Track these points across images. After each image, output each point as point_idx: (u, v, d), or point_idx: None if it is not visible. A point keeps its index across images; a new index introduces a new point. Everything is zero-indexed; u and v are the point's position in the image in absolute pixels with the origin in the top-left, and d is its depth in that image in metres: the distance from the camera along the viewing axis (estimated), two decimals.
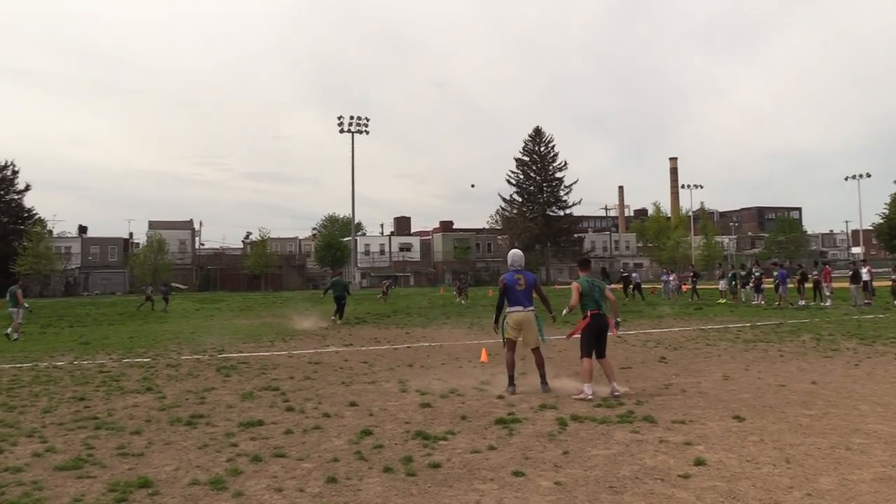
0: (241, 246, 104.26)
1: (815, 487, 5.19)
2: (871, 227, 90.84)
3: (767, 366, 11.37)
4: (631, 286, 35.39)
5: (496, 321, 9.62)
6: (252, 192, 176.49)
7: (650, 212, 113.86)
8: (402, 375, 11.03)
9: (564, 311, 9.52)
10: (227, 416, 8.12)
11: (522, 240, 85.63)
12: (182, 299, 50.14)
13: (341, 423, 7.67)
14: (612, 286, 32.72)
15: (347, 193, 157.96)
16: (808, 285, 29.05)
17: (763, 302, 28.12)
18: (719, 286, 32.68)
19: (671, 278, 36.31)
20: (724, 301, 30.34)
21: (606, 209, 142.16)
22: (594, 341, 9.02)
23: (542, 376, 9.35)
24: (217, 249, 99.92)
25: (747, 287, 30.11)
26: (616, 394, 8.79)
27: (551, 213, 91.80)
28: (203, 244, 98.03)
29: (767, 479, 5.38)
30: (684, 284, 35.97)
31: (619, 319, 9.45)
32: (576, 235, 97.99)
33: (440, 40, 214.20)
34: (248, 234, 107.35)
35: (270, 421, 7.78)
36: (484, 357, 12.56)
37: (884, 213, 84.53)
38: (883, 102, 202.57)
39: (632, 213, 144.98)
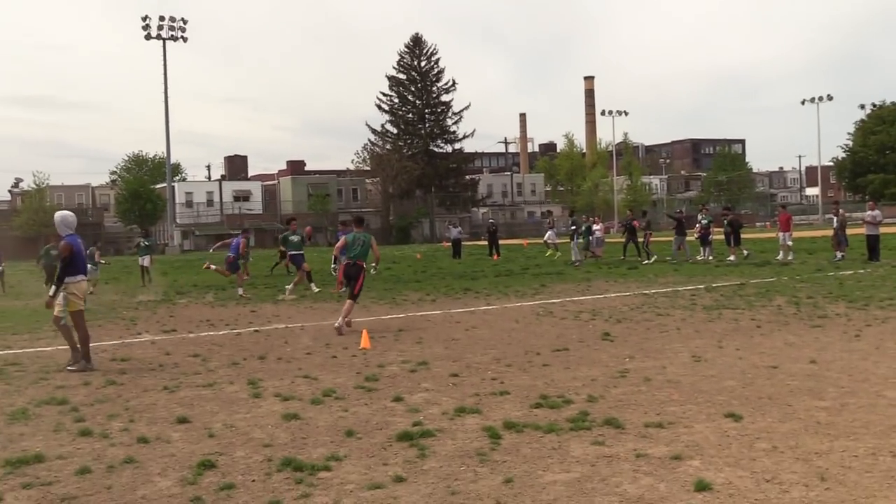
0: (9, 198, 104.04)
1: None
2: (830, 164, 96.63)
3: (745, 340, 11.58)
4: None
5: None
6: (18, 123, 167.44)
7: (560, 146, 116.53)
8: (253, 373, 10.36)
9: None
10: None
11: (398, 183, 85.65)
12: None
13: (167, 451, 6.85)
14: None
15: (157, 125, 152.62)
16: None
17: (712, 257, 30.06)
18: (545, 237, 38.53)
19: (597, 228, 36.77)
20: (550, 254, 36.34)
21: (506, 143, 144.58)
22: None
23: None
24: None
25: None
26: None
27: (436, 149, 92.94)
28: None
29: None
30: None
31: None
32: (468, 178, 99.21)
33: None
34: (18, 181, 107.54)
35: (55, 455, 6.83)
36: (365, 342, 12.04)
37: (846, 146, 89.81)
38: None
39: (536, 148, 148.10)
